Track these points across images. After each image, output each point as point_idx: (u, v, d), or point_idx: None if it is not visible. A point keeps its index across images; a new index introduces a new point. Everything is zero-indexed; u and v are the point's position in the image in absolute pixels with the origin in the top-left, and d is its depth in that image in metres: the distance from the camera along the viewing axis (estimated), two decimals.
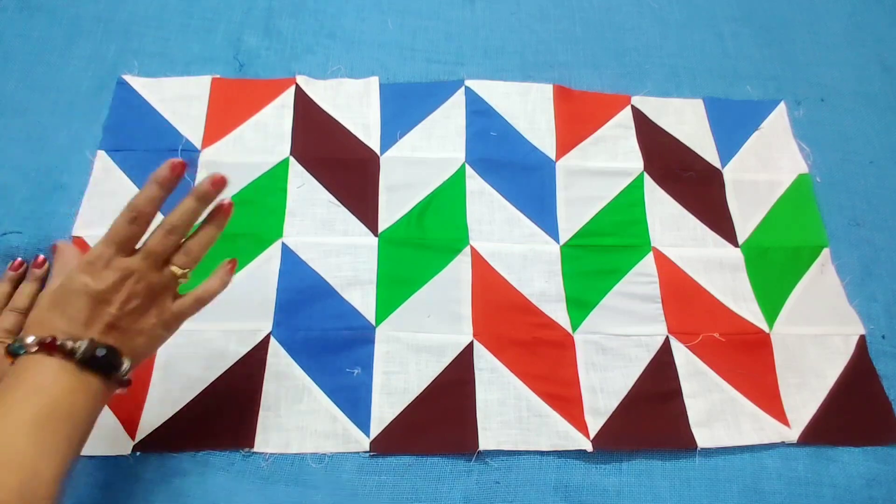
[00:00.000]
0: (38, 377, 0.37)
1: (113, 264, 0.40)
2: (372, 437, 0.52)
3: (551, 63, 0.74)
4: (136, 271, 0.41)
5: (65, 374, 0.37)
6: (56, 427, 0.36)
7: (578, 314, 0.59)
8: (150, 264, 0.42)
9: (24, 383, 0.37)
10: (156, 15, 0.72)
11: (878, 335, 0.61)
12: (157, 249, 0.42)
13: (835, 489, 0.53)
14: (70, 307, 0.39)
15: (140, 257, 0.41)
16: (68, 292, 0.40)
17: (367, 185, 0.63)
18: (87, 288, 0.39)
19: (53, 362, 0.37)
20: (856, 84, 0.76)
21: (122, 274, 0.40)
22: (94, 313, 0.39)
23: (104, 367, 0.39)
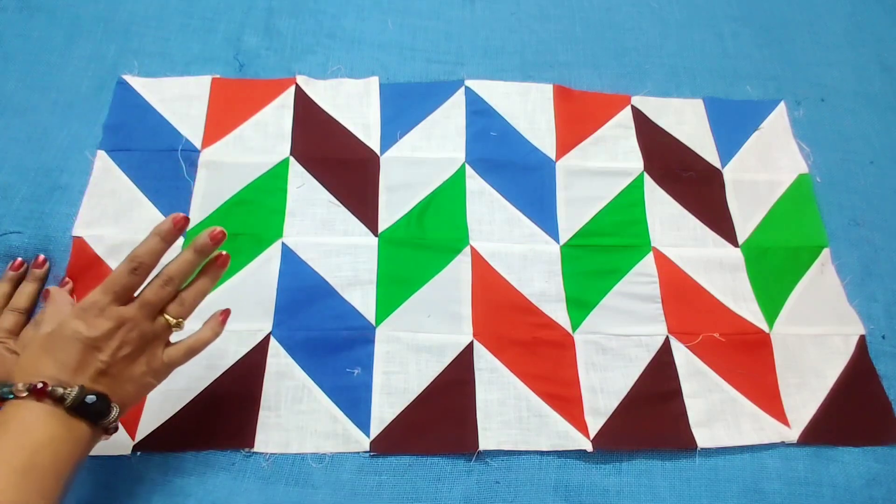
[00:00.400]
0: (27, 423, 0.37)
1: (107, 312, 0.40)
2: (372, 437, 0.52)
3: (551, 63, 0.74)
4: (130, 320, 0.41)
5: (53, 420, 0.37)
6: (43, 475, 0.36)
7: (578, 314, 0.59)
8: (144, 314, 0.42)
9: (12, 429, 0.37)
10: (156, 15, 0.72)
11: (878, 335, 0.61)
12: (152, 300, 0.43)
13: (835, 489, 0.53)
14: (61, 353, 0.39)
15: (135, 306, 0.42)
16: (60, 338, 0.40)
17: (367, 185, 0.63)
18: (79, 335, 0.39)
19: (42, 408, 0.37)
20: (856, 84, 0.76)
21: (116, 322, 0.40)
22: (85, 360, 0.39)
23: (93, 414, 0.39)
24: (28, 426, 0.37)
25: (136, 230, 0.59)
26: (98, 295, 0.41)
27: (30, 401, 0.37)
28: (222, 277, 0.57)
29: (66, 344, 0.39)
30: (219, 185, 0.62)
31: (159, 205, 0.60)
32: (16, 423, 0.37)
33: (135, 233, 0.58)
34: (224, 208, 0.61)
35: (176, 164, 0.62)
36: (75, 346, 0.39)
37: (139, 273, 0.42)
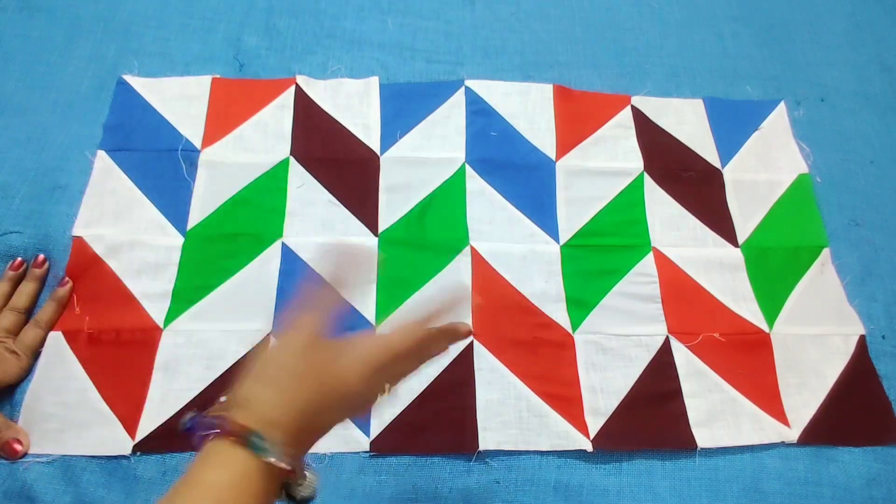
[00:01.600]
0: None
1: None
2: (372, 436, 0.52)
3: (551, 63, 0.74)
4: None
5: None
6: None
7: (578, 314, 0.59)
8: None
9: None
10: (156, 15, 0.72)
11: (878, 335, 0.61)
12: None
13: (835, 489, 0.53)
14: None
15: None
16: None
17: (367, 185, 0.63)
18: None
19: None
20: (856, 84, 0.76)
21: None
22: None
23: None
24: (223, 469, 0.32)
25: (136, 230, 0.59)
26: None
27: (224, 441, 0.32)
28: (223, 277, 0.57)
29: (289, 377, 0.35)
30: (219, 185, 0.62)
31: (159, 205, 0.60)
32: (205, 468, 0.32)
33: (134, 233, 0.58)
34: (224, 208, 0.61)
35: (176, 164, 0.62)
36: (302, 383, 0.35)
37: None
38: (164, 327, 0.55)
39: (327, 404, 0.35)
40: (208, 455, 0.33)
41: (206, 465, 0.32)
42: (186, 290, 0.57)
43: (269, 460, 0.31)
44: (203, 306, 0.56)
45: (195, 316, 0.56)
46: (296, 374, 0.34)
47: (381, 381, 0.37)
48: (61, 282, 0.55)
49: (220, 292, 0.57)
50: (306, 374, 0.34)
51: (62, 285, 0.55)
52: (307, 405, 0.34)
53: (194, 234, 0.59)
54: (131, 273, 0.57)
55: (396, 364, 0.37)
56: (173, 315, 0.55)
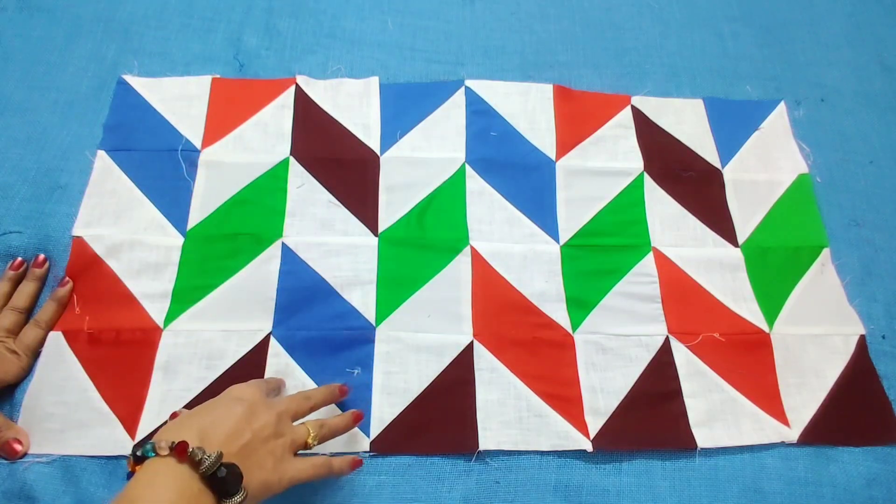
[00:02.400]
0: (158, 483, 0.36)
1: (266, 402, 0.45)
2: (372, 437, 0.52)
3: (551, 63, 0.74)
4: (282, 414, 0.45)
5: (184, 484, 0.36)
6: None
7: (578, 314, 0.59)
8: (288, 417, 0.45)
9: (141, 493, 0.36)
10: (156, 15, 0.72)
11: (878, 335, 0.61)
12: (297, 410, 0.46)
13: (835, 489, 0.53)
14: (211, 421, 0.41)
15: (282, 410, 0.45)
16: (215, 408, 0.43)
17: (367, 185, 0.63)
18: (238, 404, 0.43)
19: (178, 469, 0.36)
20: (856, 84, 0.76)
21: (274, 410, 0.44)
22: (233, 431, 0.41)
23: (223, 485, 0.37)
24: (159, 487, 0.36)
25: (136, 230, 0.59)
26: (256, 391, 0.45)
27: (169, 459, 0.37)
28: (223, 277, 0.57)
29: (221, 413, 0.41)
30: (219, 184, 0.62)
31: (159, 205, 0.60)
32: (148, 487, 0.36)
33: (134, 233, 0.58)
34: (224, 208, 0.61)
35: (176, 164, 0.62)
36: (230, 417, 0.41)
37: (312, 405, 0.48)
38: (164, 327, 0.55)
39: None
40: (146, 472, 0.37)
41: (144, 482, 0.36)
42: (186, 290, 0.57)
43: (206, 466, 0.36)
44: (203, 306, 0.56)
45: (195, 316, 0.56)
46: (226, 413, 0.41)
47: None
48: (61, 282, 0.55)
49: (220, 292, 0.57)
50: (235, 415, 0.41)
51: (62, 285, 0.55)
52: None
53: (194, 234, 0.59)
54: (131, 273, 0.57)
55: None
56: (173, 315, 0.55)
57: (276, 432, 0.42)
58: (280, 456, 0.42)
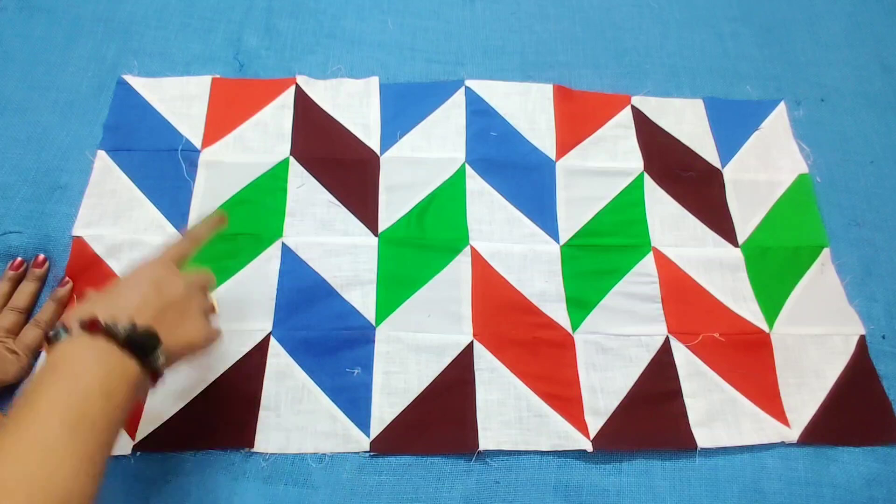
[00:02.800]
0: (78, 362, 0.36)
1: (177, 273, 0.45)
2: (372, 437, 0.52)
3: (551, 63, 0.74)
4: (193, 284, 0.45)
5: (105, 356, 0.37)
6: (93, 426, 0.35)
7: (578, 314, 0.59)
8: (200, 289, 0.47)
9: (62, 372, 0.36)
10: (156, 15, 0.72)
11: (878, 335, 0.61)
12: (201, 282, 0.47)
13: (835, 489, 0.53)
14: (120, 295, 0.42)
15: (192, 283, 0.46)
16: (125, 284, 0.43)
17: (367, 185, 0.63)
18: (147, 276, 0.43)
19: (95, 344, 0.37)
20: (856, 84, 0.76)
21: (184, 279, 0.45)
22: (143, 300, 0.42)
23: (144, 348, 0.38)
24: (79, 367, 0.36)
25: (136, 230, 0.59)
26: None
27: (82, 337, 0.37)
28: (223, 277, 0.57)
29: (129, 288, 0.42)
30: (219, 184, 0.62)
31: (159, 205, 0.60)
32: (66, 366, 0.36)
33: (134, 233, 0.58)
34: (224, 208, 0.61)
35: (176, 164, 0.62)
36: (138, 289, 0.41)
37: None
38: None
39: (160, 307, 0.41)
40: (60, 351, 0.37)
41: (62, 358, 0.36)
42: None
43: (121, 334, 0.37)
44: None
45: None
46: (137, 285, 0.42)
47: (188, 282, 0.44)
48: (61, 282, 0.55)
49: (220, 292, 0.57)
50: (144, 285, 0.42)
51: (62, 285, 0.55)
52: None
53: None
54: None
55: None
56: None
57: (186, 295, 0.43)
58: (195, 316, 0.43)
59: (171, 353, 0.40)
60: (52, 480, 0.32)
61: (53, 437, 0.33)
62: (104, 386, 0.36)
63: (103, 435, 0.35)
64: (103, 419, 0.35)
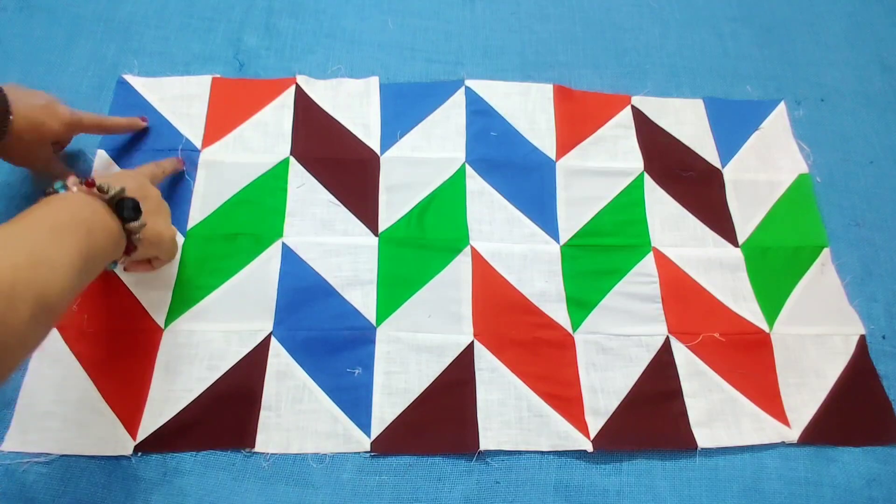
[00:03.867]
0: (69, 208, 0.41)
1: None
2: (373, 437, 0.52)
3: (551, 63, 0.74)
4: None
5: (92, 207, 0.42)
6: (74, 234, 0.39)
7: (579, 314, 0.59)
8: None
9: (51, 203, 0.41)
10: (156, 15, 0.72)
11: (879, 335, 0.61)
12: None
13: (835, 489, 0.53)
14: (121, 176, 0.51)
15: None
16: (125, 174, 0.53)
17: (367, 185, 0.63)
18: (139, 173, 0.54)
19: (86, 198, 0.43)
20: (856, 84, 0.76)
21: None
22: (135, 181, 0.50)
23: (126, 210, 0.44)
24: (68, 206, 0.41)
25: None
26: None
27: (79, 192, 0.43)
28: (223, 277, 0.57)
29: (122, 175, 0.50)
30: (219, 184, 0.62)
31: None
32: (59, 200, 0.41)
33: None
34: (224, 208, 0.61)
35: None
36: (128, 177, 0.49)
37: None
38: (164, 327, 0.55)
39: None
40: (57, 197, 0.42)
41: (56, 201, 0.41)
42: (187, 290, 0.56)
43: (111, 193, 0.44)
44: (203, 306, 0.56)
45: (195, 316, 0.56)
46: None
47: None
48: None
49: (221, 292, 0.57)
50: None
51: None
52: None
53: (194, 233, 0.59)
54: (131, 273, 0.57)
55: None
56: (174, 315, 0.55)
57: (160, 200, 0.51)
58: (165, 217, 0.52)
59: (146, 231, 0.47)
60: (34, 249, 0.37)
61: (39, 229, 0.38)
62: (88, 223, 0.41)
63: (86, 246, 0.40)
64: (85, 246, 0.40)
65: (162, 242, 0.51)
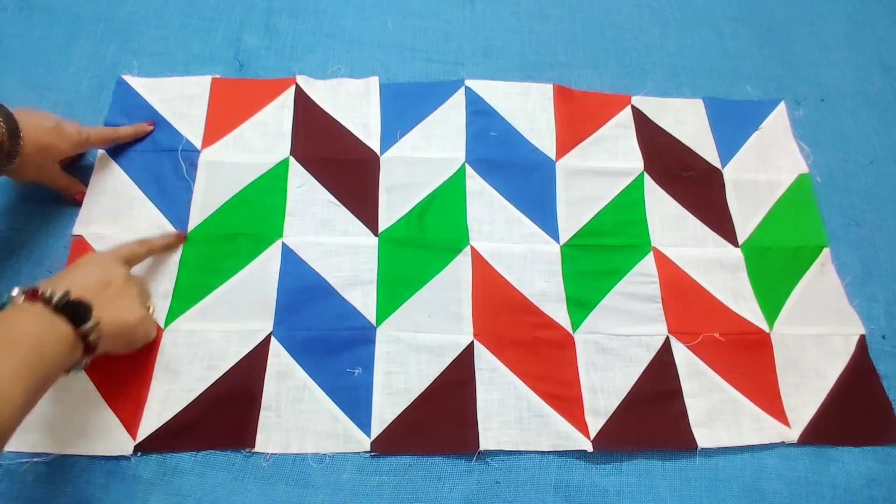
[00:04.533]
0: (16, 325, 0.40)
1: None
2: (373, 437, 0.52)
3: (551, 63, 0.74)
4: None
5: (40, 320, 0.41)
6: (20, 351, 0.38)
7: (579, 314, 0.59)
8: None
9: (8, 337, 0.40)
10: (156, 15, 0.72)
11: (878, 335, 0.61)
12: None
13: (835, 489, 0.53)
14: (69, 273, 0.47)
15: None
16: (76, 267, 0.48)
17: (367, 185, 0.63)
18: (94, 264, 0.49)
19: (32, 309, 0.41)
20: (856, 84, 0.76)
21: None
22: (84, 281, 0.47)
23: (74, 314, 0.42)
24: (17, 328, 0.40)
25: (136, 229, 0.59)
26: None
27: (24, 303, 0.42)
28: (223, 277, 0.57)
29: (77, 274, 0.47)
30: (219, 185, 0.62)
31: (159, 204, 0.60)
32: (3, 326, 0.40)
33: (134, 232, 0.58)
34: (224, 208, 0.61)
35: (176, 164, 0.62)
36: (85, 276, 0.46)
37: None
38: (164, 327, 0.55)
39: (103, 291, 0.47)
40: (5, 313, 0.41)
41: (2, 319, 0.41)
42: (187, 290, 0.57)
43: (56, 299, 0.42)
44: (203, 306, 0.56)
45: (196, 316, 0.56)
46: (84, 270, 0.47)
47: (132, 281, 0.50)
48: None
49: (221, 292, 0.57)
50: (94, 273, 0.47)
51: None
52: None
53: (195, 234, 0.59)
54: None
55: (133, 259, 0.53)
56: (174, 315, 0.55)
57: (126, 283, 0.48)
58: (132, 300, 0.48)
59: (104, 326, 0.44)
60: None
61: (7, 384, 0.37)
62: (35, 336, 0.40)
63: (36, 364, 0.39)
64: (35, 360, 0.39)
65: (127, 332, 0.48)
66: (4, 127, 0.50)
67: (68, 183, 0.58)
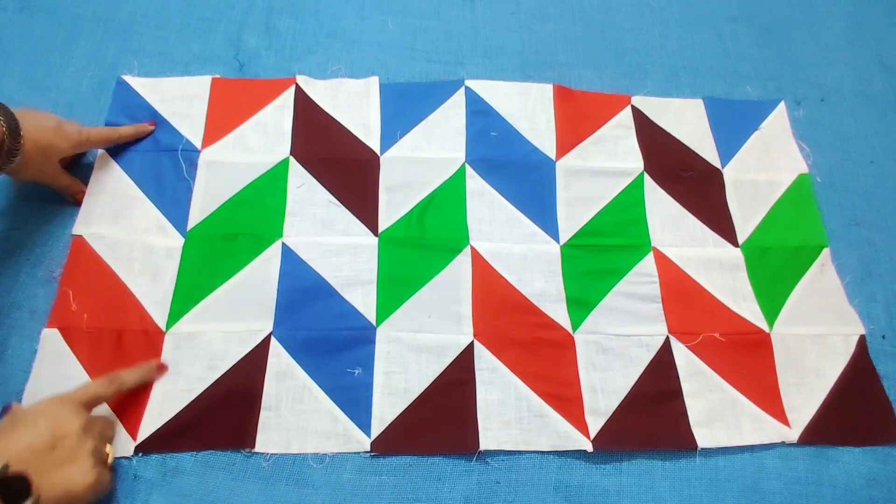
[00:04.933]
0: None
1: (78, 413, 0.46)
2: (373, 437, 0.52)
3: (551, 63, 0.74)
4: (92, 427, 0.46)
5: None
6: None
7: (579, 314, 0.59)
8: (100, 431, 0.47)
9: None
10: (156, 15, 0.72)
11: (879, 335, 0.61)
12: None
13: (835, 489, 0.53)
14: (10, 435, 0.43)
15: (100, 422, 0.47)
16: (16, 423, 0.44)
17: (367, 185, 0.63)
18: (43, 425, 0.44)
19: None
20: (856, 84, 0.76)
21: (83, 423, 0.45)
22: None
23: (9, 492, 0.39)
24: None
25: (136, 229, 0.59)
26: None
27: None
28: (223, 277, 0.57)
29: (24, 429, 0.42)
30: (219, 185, 0.62)
31: (159, 204, 0.60)
32: None
33: (134, 232, 0.58)
34: (224, 208, 0.61)
35: (176, 164, 0.62)
36: (31, 433, 0.42)
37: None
38: (164, 328, 0.55)
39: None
40: None
41: None
42: (187, 291, 0.57)
43: None
44: (204, 307, 0.56)
45: (196, 316, 0.56)
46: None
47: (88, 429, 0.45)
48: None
49: (221, 293, 0.57)
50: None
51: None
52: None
53: (195, 234, 0.59)
54: (131, 273, 0.57)
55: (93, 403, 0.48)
56: (174, 316, 0.55)
57: (79, 440, 0.43)
58: (83, 462, 0.43)
59: (47, 499, 0.40)
60: None
61: None
62: None
63: None
64: None
65: (74, 498, 0.42)
66: (5, 126, 0.50)
67: (68, 182, 0.58)
